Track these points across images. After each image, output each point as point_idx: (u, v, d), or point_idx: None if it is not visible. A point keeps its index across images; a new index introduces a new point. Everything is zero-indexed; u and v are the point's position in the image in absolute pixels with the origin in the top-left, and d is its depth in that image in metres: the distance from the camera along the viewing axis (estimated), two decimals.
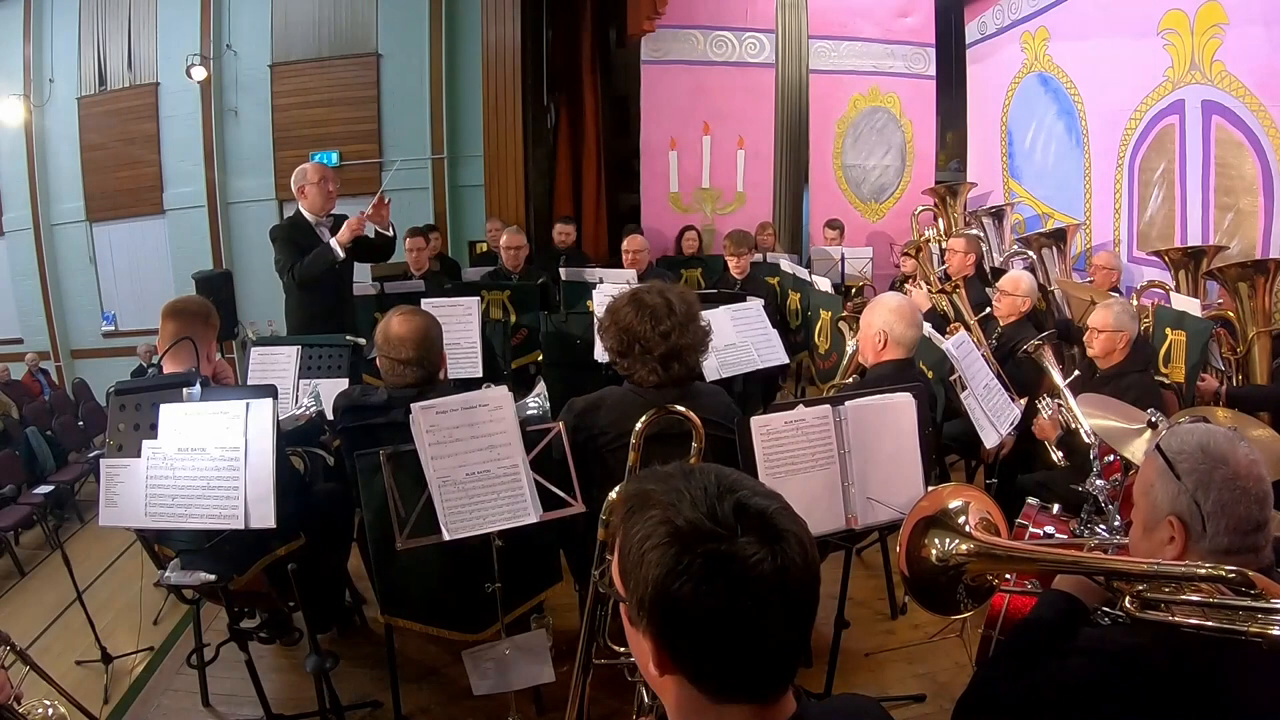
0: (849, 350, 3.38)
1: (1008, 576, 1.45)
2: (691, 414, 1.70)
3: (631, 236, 5.08)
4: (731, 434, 2.01)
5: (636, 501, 0.79)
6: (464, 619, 2.20)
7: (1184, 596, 1.15)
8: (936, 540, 1.41)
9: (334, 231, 3.71)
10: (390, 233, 3.88)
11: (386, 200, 3.83)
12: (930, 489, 1.53)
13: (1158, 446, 1.26)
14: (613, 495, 1.37)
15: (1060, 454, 2.82)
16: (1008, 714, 1.28)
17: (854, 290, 5.56)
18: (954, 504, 1.44)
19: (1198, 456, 1.19)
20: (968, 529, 1.40)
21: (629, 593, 0.78)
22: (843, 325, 3.67)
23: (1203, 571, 1.12)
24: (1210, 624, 1.10)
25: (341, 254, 3.66)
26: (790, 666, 0.79)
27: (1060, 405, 2.79)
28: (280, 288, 3.77)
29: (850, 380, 3.14)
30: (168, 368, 2.35)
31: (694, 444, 1.69)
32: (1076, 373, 2.98)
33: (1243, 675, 1.10)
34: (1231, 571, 1.09)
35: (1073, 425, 2.65)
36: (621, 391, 2.17)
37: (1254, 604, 1.08)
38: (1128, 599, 1.20)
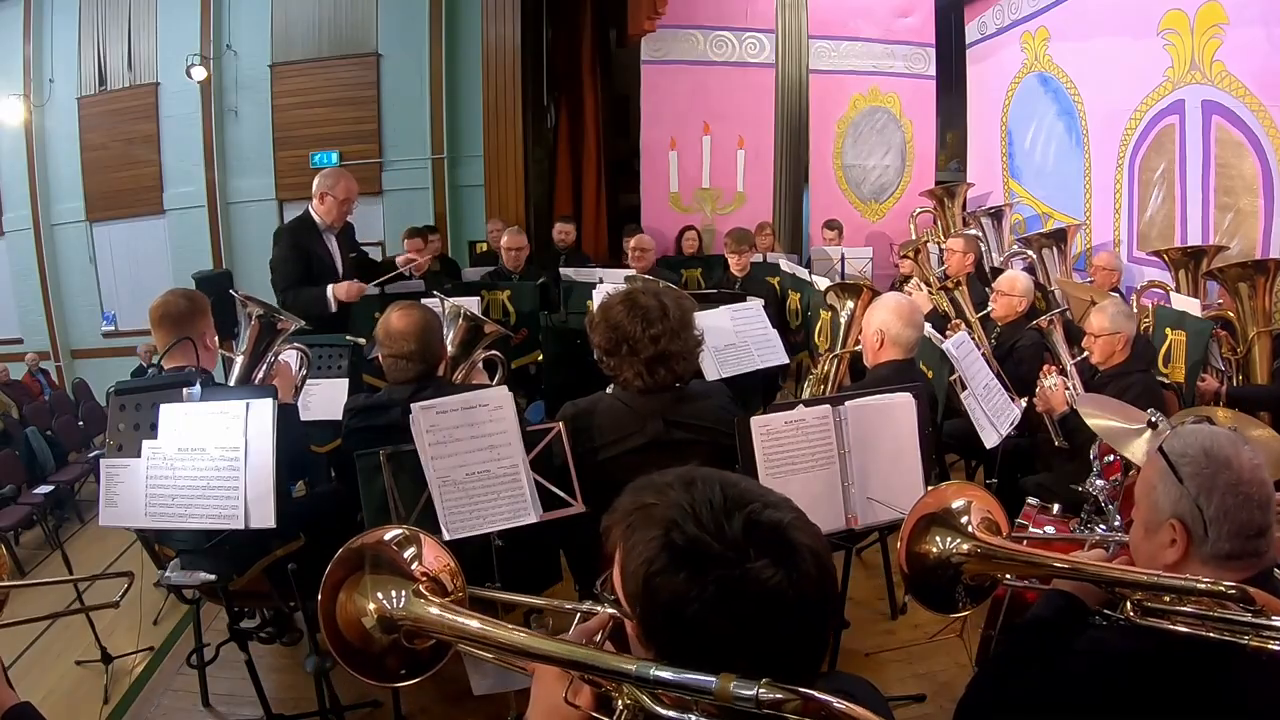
0: (843, 320, 3.34)
1: (1008, 575, 1.45)
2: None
3: (639, 235, 5.07)
4: (730, 438, 1.99)
5: (637, 517, 0.75)
6: None
7: (1184, 607, 1.13)
8: (937, 538, 1.41)
9: (341, 239, 3.72)
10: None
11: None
12: (934, 487, 1.53)
13: (1160, 448, 1.24)
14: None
15: (1058, 434, 2.82)
16: (1008, 714, 1.28)
17: None
18: (957, 503, 1.43)
19: (1201, 460, 1.17)
20: (969, 528, 1.40)
21: (634, 612, 0.75)
22: (831, 298, 3.56)
23: (1202, 586, 1.10)
24: (1210, 635, 1.09)
25: (334, 309, 3.64)
26: (805, 676, 0.76)
27: (1068, 384, 2.79)
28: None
29: (854, 349, 3.10)
30: (168, 365, 2.36)
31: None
32: (1086, 353, 2.98)
33: (1242, 677, 1.09)
34: (1232, 588, 1.08)
35: (1076, 405, 2.65)
36: (611, 400, 2.12)
37: (1254, 620, 1.06)
38: (1129, 604, 1.19)
